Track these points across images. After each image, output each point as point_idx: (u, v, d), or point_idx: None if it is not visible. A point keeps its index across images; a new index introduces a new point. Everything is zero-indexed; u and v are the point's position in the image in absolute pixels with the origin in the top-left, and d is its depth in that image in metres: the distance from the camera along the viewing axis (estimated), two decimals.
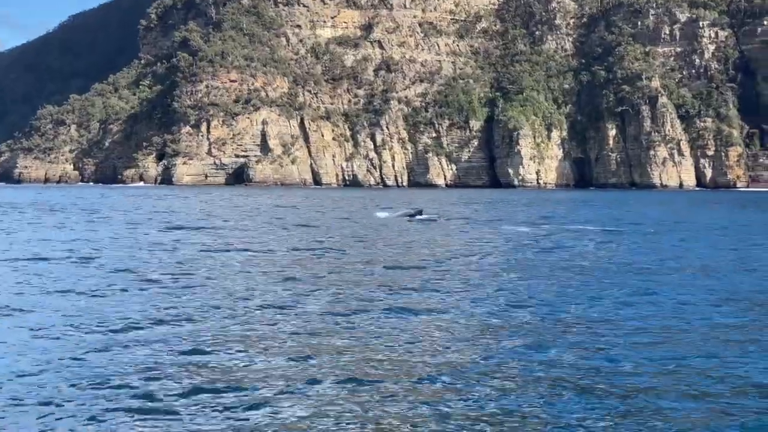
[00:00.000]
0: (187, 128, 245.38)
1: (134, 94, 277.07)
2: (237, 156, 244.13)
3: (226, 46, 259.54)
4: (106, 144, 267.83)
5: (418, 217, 65.67)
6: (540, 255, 40.13)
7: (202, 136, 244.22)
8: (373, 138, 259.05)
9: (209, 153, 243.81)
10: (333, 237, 48.96)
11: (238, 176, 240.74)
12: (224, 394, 15.15)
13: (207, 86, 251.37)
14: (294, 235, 50.74)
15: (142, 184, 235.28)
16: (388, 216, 68.48)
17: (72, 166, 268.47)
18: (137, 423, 13.68)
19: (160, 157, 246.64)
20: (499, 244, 46.83)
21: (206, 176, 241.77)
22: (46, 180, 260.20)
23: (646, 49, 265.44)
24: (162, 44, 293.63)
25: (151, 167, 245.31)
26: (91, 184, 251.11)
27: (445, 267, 33.96)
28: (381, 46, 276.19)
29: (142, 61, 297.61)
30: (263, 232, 52.78)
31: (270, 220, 65.55)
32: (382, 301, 24.84)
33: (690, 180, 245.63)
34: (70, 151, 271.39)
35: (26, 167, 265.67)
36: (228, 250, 39.36)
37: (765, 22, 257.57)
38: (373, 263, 34.42)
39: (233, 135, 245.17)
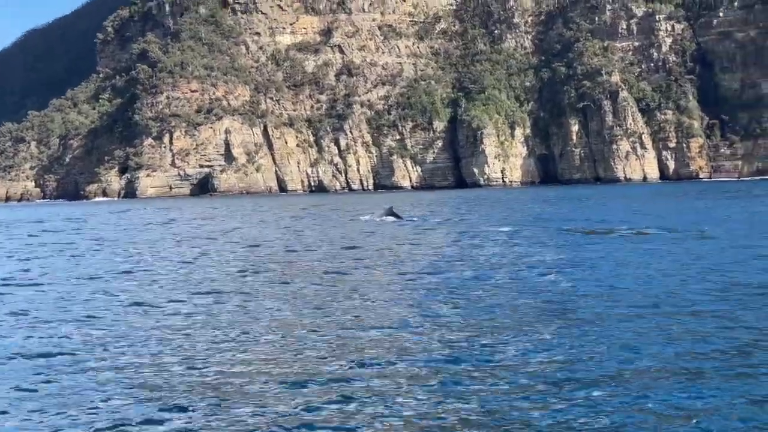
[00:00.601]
0: (150, 140, 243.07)
1: (94, 109, 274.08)
2: (201, 166, 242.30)
3: (186, 56, 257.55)
4: (67, 160, 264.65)
5: (394, 219, 65.01)
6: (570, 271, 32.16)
7: (164, 147, 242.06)
8: (337, 143, 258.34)
9: (173, 164, 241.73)
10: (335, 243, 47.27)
11: (203, 186, 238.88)
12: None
13: (168, 97, 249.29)
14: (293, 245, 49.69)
15: (104, 198, 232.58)
16: (370, 219, 67.89)
17: (33, 183, 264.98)
18: None
19: (122, 171, 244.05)
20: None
21: (170, 188, 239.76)
22: (7, 198, 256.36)
23: (605, 45, 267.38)
24: (120, 57, 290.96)
25: (114, 181, 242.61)
26: (50, 200, 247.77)
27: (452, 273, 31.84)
28: (341, 51, 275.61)
29: (101, 75, 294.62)
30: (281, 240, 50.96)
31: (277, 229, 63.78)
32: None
33: (653, 173, 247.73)
34: (31, 168, 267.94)
35: None
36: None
37: (720, 14, 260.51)
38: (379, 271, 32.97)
39: (196, 145, 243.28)
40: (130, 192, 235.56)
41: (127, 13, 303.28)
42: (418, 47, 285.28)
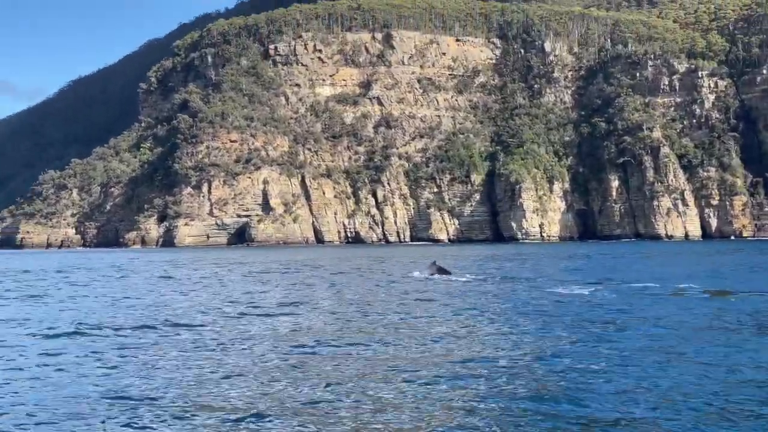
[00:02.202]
0: (189, 189, 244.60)
1: (135, 157, 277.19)
2: (239, 216, 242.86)
3: (226, 106, 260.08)
4: (108, 207, 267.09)
5: (443, 276, 62.15)
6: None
7: (203, 196, 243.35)
8: (374, 194, 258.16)
9: (210, 213, 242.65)
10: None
11: (240, 236, 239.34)
12: None
13: (207, 147, 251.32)
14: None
15: (139, 247, 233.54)
16: (419, 275, 64.56)
17: (74, 230, 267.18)
18: None
19: (161, 219, 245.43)
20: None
21: (208, 237, 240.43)
22: (48, 245, 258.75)
23: (646, 100, 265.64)
24: (162, 107, 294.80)
25: (153, 229, 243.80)
26: (90, 248, 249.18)
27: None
28: (380, 103, 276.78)
29: (143, 124, 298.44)
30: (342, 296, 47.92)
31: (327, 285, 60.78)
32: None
33: (695, 230, 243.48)
34: (72, 215, 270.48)
35: (28, 232, 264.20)
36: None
37: (764, 71, 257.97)
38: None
39: (234, 195, 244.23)
40: (168, 240, 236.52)
41: (170, 64, 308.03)
42: (456, 100, 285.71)
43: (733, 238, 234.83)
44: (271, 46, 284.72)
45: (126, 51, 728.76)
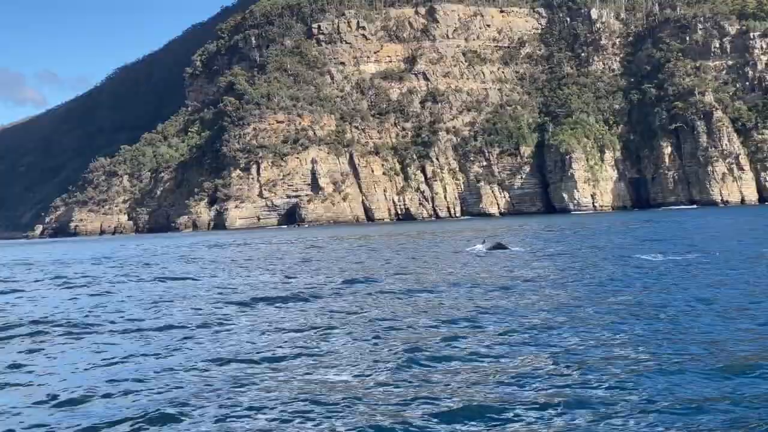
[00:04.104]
0: (237, 172, 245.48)
1: (183, 141, 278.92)
2: (288, 196, 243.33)
3: (272, 87, 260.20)
4: (158, 192, 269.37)
5: (502, 250, 60.96)
6: None
7: (252, 178, 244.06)
8: (423, 170, 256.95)
9: (260, 195, 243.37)
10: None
11: (290, 216, 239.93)
12: None
13: (255, 129, 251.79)
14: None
15: (191, 230, 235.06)
16: (482, 249, 62.97)
17: (126, 217, 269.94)
18: None
19: (211, 203, 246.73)
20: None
21: (258, 218, 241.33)
22: (102, 232, 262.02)
23: (697, 64, 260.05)
24: (208, 90, 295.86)
25: (204, 213, 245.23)
26: (143, 233, 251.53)
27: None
28: (426, 78, 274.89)
29: (189, 108, 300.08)
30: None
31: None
32: None
33: (752, 195, 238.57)
34: (124, 202, 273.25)
35: (81, 220, 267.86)
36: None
37: None
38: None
39: (283, 176, 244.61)
40: (219, 223, 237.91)
41: (214, 47, 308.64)
42: (503, 72, 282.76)
43: None
44: (315, 25, 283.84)
45: (170, 36, 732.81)
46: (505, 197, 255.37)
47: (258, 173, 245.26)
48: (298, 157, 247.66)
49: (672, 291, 29.91)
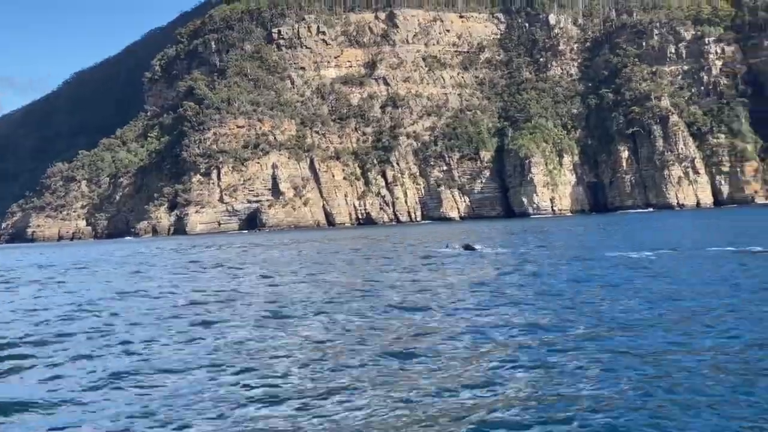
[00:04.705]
0: (198, 177, 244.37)
1: (142, 147, 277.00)
2: (249, 201, 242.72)
3: (232, 92, 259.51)
4: (117, 198, 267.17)
5: (470, 251, 62.96)
6: None
7: (212, 183, 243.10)
8: (384, 175, 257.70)
9: (221, 200, 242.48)
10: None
11: (251, 221, 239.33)
12: None
13: (215, 133, 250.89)
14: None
15: (150, 236, 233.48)
16: (451, 250, 65.31)
17: (85, 222, 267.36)
18: None
19: (171, 208, 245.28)
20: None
21: (219, 224, 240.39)
22: (60, 238, 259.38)
23: (653, 69, 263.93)
24: (167, 95, 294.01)
25: (164, 218, 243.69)
26: (101, 239, 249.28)
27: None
28: (386, 83, 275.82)
29: (149, 113, 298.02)
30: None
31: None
32: None
33: (707, 198, 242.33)
34: (82, 207, 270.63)
35: (39, 226, 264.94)
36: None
37: None
38: None
39: (244, 180, 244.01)
40: (179, 229, 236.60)
41: (174, 52, 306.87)
42: (462, 77, 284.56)
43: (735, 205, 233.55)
44: (275, 30, 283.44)
45: (128, 41, 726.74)
46: (465, 201, 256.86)
47: (218, 178, 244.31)
48: (258, 162, 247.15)
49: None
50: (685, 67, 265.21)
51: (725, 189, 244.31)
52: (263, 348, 22.50)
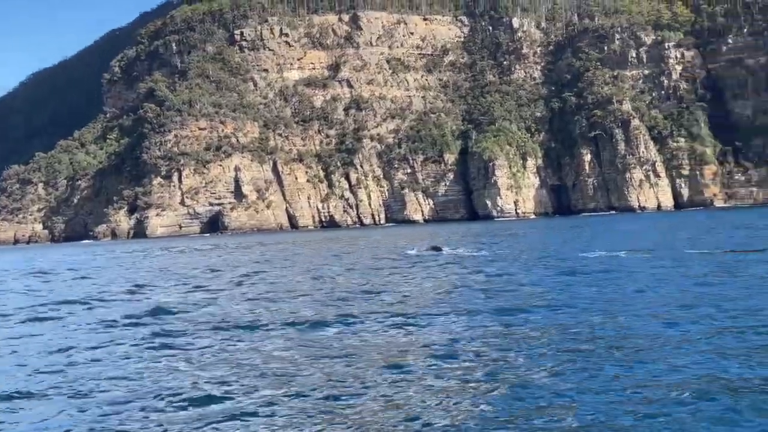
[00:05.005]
0: (158, 179, 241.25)
1: (101, 149, 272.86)
2: (211, 204, 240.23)
3: (193, 94, 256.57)
4: (75, 201, 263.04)
5: (437, 252, 62.40)
6: None
7: (173, 186, 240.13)
8: (347, 178, 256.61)
9: (182, 203, 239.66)
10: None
11: (213, 224, 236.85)
12: None
13: (176, 136, 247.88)
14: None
15: (109, 239, 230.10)
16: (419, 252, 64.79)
17: (41, 226, 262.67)
18: None
19: (131, 211, 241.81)
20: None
21: (180, 226, 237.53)
22: (16, 241, 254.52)
23: (615, 73, 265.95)
24: (127, 96, 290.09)
25: (123, 221, 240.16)
26: (58, 242, 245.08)
27: None
28: (350, 85, 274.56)
29: (108, 115, 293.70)
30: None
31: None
32: None
33: (668, 201, 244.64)
34: (39, 210, 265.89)
35: None
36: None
37: (729, 41, 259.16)
38: None
39: (206, 183, 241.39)
40: (139, 232, 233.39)
41: (134, 53, 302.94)
42: (426, 80, 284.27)
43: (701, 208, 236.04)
44: (237, 32, 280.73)
45: (87, 42, 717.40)
46: (429, 204, 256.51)
47: (180, 181, 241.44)
48: (220, 165, 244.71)
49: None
50: (646, 72, 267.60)
51: (685, 192, 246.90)
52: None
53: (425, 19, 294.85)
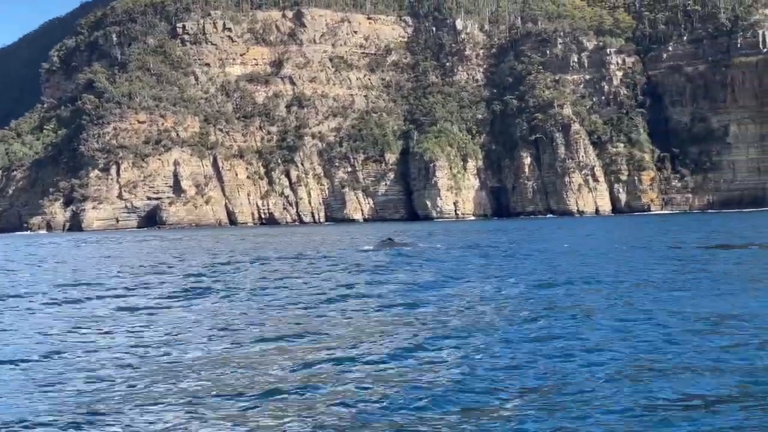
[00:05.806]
0: (96, 172, 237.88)
1: (38, 139, 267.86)
2: (149, 198, 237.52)
3: (133, 86, 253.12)
4: (10, 192, 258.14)
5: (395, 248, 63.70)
6: None
7: (111, 179, 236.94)
8: (288, 175, 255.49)
9: (120, 196, 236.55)
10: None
11: (151, 219, 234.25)
12: None
13: (115, 128, 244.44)
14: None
15: (44, 231, 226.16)
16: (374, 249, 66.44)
17: None
18: None
19: (67, 203, 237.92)
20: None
21: (117, 220, 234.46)
22: None
23: (556, 77, 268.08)
24: (66, 87, 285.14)
25: (59, 213, 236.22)
26: None
27: None
28: (292, 82, 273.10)
29: (45, 105, 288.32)
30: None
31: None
32: None
33: (605, 205, 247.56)
34: None
35: None
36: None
37: (670, 48, 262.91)
38: None
39: (144, 177, 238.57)
40: (75, 225, 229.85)
41: (73, 43, 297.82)
42: (369, 79, 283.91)
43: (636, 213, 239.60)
44: (179, 25, 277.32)
45: (25, 31, 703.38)
46: (369, 203, 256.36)
47: (118, 174, 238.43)
48: (160, 159, 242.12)
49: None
50: (587, 77, 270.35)
51: (623, 197, 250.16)
52: None
53: (369, 19, 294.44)
